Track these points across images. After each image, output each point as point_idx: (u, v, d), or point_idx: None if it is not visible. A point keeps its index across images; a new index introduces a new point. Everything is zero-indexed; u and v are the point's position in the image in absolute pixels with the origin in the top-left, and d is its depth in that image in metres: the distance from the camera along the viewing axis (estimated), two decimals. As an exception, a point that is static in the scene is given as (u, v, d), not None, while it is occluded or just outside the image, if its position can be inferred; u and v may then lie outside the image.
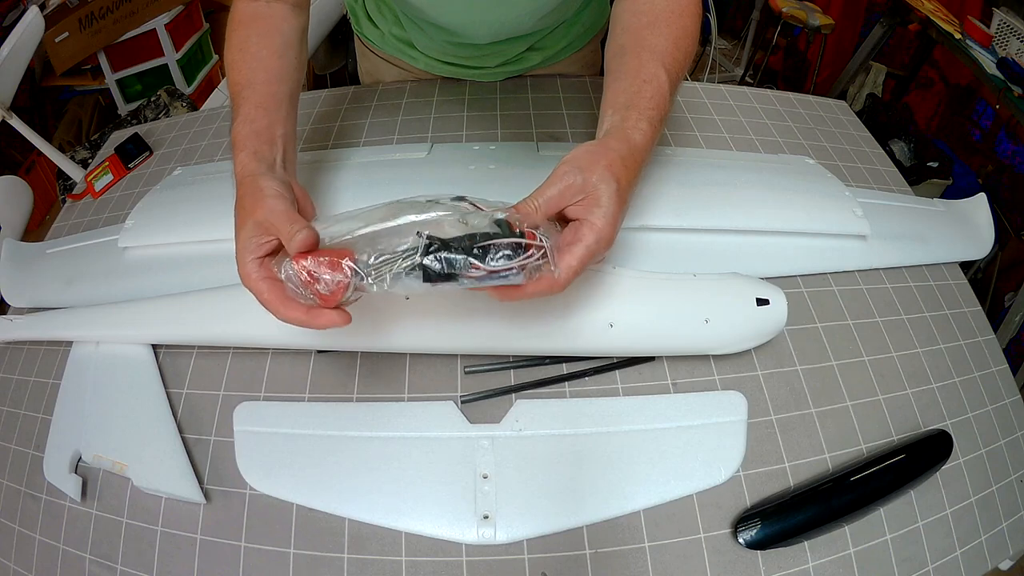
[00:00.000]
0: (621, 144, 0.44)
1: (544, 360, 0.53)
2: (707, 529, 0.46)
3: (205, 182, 0.69)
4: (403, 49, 0.81)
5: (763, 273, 0.57)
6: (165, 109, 1.56)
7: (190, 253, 0.61)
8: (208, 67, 2.04)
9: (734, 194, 0.63)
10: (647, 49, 0.49)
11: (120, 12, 1.75)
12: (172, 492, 0.47)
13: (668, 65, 0.48)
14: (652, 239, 0.59)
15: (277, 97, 0.51)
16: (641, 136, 0.45)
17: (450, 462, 0.48)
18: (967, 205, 0.71)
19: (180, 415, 0.52)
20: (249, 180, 0.45)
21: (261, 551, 0.46)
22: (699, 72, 2.46)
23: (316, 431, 0.49)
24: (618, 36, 0.52)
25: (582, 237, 0.40)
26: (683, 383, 0.53)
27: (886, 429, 0.53)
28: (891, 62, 2.08)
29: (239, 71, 0.52)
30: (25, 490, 0.52)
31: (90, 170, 0.79)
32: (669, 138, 0.74)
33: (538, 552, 0.45)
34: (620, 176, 0.42)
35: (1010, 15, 1.49)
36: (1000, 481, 0.53)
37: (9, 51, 1.10)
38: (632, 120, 0.45)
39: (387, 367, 0.53)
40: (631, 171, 0.43)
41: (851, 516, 0.47)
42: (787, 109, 0.82)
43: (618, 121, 0.46)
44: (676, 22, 0.50)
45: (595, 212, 0.41)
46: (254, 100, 0.50)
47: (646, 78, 0.47)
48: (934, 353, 0.58)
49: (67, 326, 0.57)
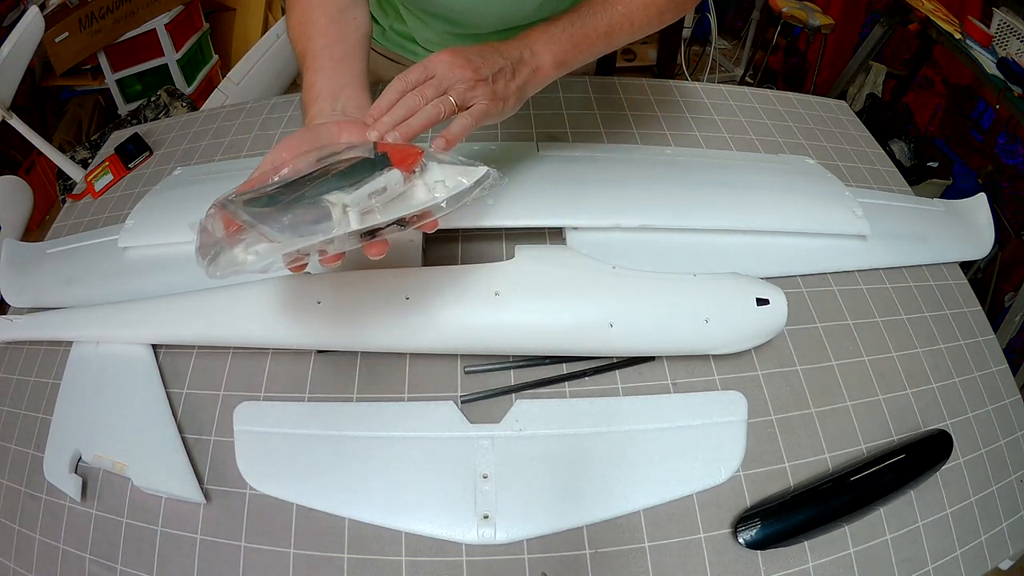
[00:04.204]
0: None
1: (544, 360, 0.53)
2: (707, 529, 0.46)
3: (205, 182, 0.69)
4: (404, 44, 0.81)
5: (763, 273, 0.57)
6: (165, 109, 1.56)
7: (190, 253, 0.60)
8: (208, 67, 2.04)
9: (734, 194, 0.63)
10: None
11: (120, 12, 1.74)
12: (172, 492, 0.47)
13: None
14: (652, 239, 0.59)
15: (338, 57, 0.52)
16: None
17: (450, 462, 0.48)
18: (967, 205, 0.71)
19: (180, 415, 0.52)
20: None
21: (261, 551, 0.46)
22: (699, 72, 2.46)
23: (316, 431, 0.49)
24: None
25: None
26: (683, 383, 0.53)
27: (886, 429, 0.53)
28: (891, 62, 2.08)
29: (300, 42, 0.54)
30: (25, 490, 0.52)
31: (90, 170, 0.79)
32: (669, 138, 0.74)
33: (538, 552, 0.45)
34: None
35: (1010, 15, 1.48)
36: (1000, 481, 0.53)
37: (9, 51, 1.10)
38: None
39: (387, 367, 0.53)
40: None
41: (851, 516, 0.47)
42: (787, 109, 0.82)
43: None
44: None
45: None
46: (313, 67, 0.51)
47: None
48: (934, 353, 0.58)
49: (67, 326, 0.57)
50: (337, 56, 0.51)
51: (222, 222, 0.38)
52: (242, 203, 0.38)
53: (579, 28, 0.53)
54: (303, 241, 0.36)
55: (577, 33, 0.53)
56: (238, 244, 0.37)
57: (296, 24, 0.54)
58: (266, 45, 1.48)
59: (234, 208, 0.37)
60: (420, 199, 0.41)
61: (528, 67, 0.50)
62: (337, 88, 0.49)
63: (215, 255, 0.37)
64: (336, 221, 0.37)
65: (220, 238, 0.37)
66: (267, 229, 0.36)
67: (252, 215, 0.36)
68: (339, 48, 0.52)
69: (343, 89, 0.49)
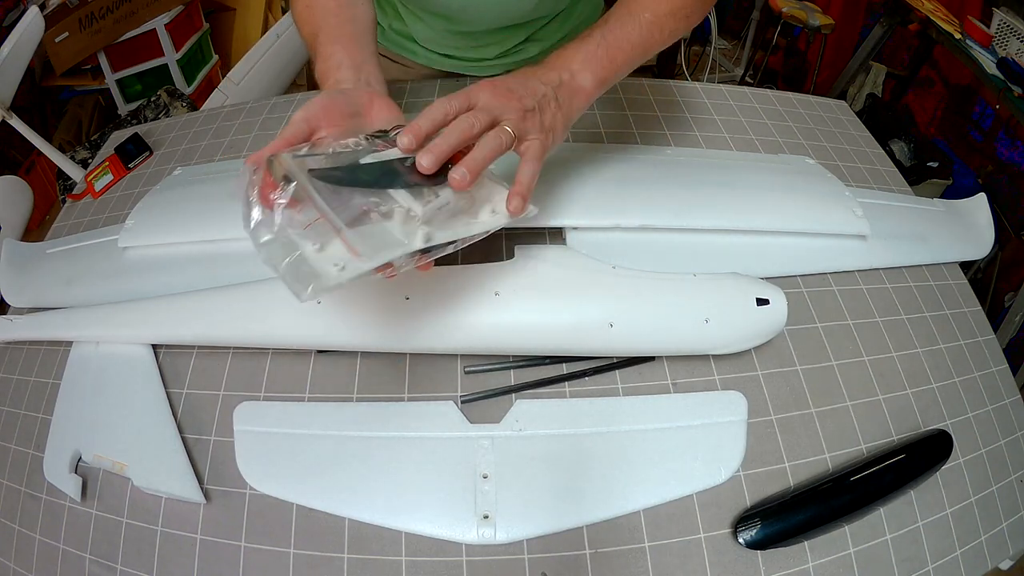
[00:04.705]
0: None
1: (544, 360, 0.53)
2: (707, 529, 0.46)
3: (205, 182, 0.69)
4: (403, 44, 0.81)
5: (763, 273, 0.57)
6: (165, 109, 1.56)
7: (190, 253, 0.61)
8: (208, 67, 2.04)
9: (734, 194, 0.63)
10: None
11: (120, 12, 1.74)
12: (172, 492, 0.47)
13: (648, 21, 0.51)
14: (652, 239, 0.59)
15: (352, 35, 0.51)
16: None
17: (450, 462, 0.48)
18: (967, 205, 0.71)
19: (180, 415, 0.52)
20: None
21: (261, 551, 0.46)
22: (699, 72, 2.46)
23: (316, 431, 0.49)
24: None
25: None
26: (683, 383, 0.53)
27: (886, 429, 0.53)
28: (891, 62, 2.08)
29: (308, 24, 0.52)
30: (25, 490, 0.52)
31: (90, 170, 0.78)
32: (669, 138, 0.74)
33: (538, 552, 0.45)
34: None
35: (1010, 15, 1.49)
36: (1000, 481, 0.53)
37: (9, 51, 1.10)
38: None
39: (387, 367, 0.53)
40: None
41: (851, 516, 0.47)
42: (787, 109, 0.82)
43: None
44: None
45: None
46: (329, 40, 0.50)
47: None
48: (934, 353, 0.58)
49: (67, 326, 0.57)
50: (353, 35, 0.50)
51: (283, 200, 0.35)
52: (307, 175, 0.36)
53: (612, 41, 0.50)
54: (380, 258, 0.34)
55: (612, 47, 0.50)
56: (306, 237, 0.35)
57: (303, 7, 0.53)
58: (266, 45, 1.48)
59: (301, 180, 0.35)
60: (485, 222, 0.40)
61: (569, 90, 0.47)
62: (359, 60, 0.48)
63: (277, 241, 0.35)
64: (405, 235, 0.36)
65: (281, 223, 0.35)
66: (349, 235, 0.34)
67: (331, 207, 0.35)
68: (353, 27, 0.51)
69: (364, 63, 0.48)
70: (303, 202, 0.36)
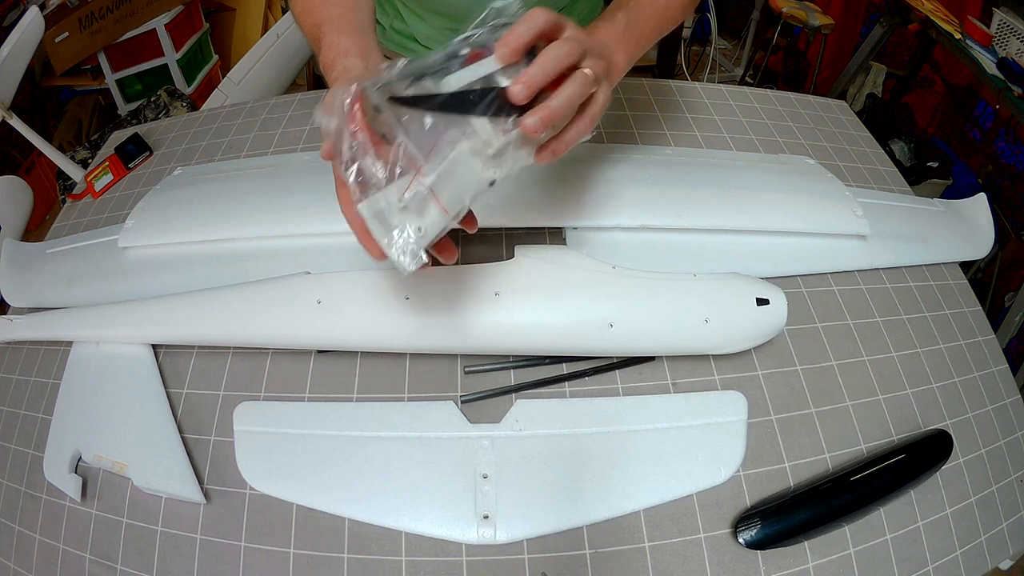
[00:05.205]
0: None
1: (544, 360, 0.53)
2: (707, 529, 0.46)
3: (205, 182, 0.69)
4: (404, 44, 0.81)
5: (763, 273, 0.57)
6: (165, 109, 1.56)
7: (190, 253, 0.61)
8: (208, 67, 2.04)
9: (734, 194, 0.63)
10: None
11: (120, 12, 1.74)
12: (172, 492, 0.47)
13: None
14: (652, 239, 0.59)
15: (356, 25, 0.50)
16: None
17: (450, 462, 0.48)
18: (967, 205, 0.71)
19: (180, 415, 0.52)
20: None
21: (261, 551, 0.46)
22: (699, 72, 2.46)
23: (316, 431, 0.49)
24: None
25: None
26: (683, 383, 0.53)
27: (886, 429, 0.53)
28: (891, 62, 2.08)
29: (310, 15, 0.51)
30: (25, 490, 0.52)
31: (90, 170, 0.79)
32: (669, 138, 0.74)
33: (538, 552, 0.45)
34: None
35: (1010, 15, 1.48)
36: (1000, 481, 0.53)
37: (9, 51, 1.09)
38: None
39: (387, 367, 0.53)
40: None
41: (851, 516, 0.47)
42: (787, 109, 0.82)
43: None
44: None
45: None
46: (333, 29, 0.49)
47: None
48: (934, 353, 0.58)
49: (67, 326, 0.57)
50: (357, 24, 0.50)
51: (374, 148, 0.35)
52: (392, 109, 0.35)
53: (635, 22, 0.50)
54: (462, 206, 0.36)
55: (636, 28, 0.50)
56: (390, 182, 0.35)
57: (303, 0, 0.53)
58: (266, 45, 1.48)
59: (389, 118, 0.35)
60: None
61: (607, 61, 0.44)
62: (365, 49, 0.47)
63: (367, 183, 0.36)
64: (482, 170, 0.36)
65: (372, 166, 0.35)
66: (436, 187, 0.35)
67: (418, 148, 0.35)
68: (356, 17, 0.50)
69: (370, 51, 0.47)
70: (390, 130, 0.36)
